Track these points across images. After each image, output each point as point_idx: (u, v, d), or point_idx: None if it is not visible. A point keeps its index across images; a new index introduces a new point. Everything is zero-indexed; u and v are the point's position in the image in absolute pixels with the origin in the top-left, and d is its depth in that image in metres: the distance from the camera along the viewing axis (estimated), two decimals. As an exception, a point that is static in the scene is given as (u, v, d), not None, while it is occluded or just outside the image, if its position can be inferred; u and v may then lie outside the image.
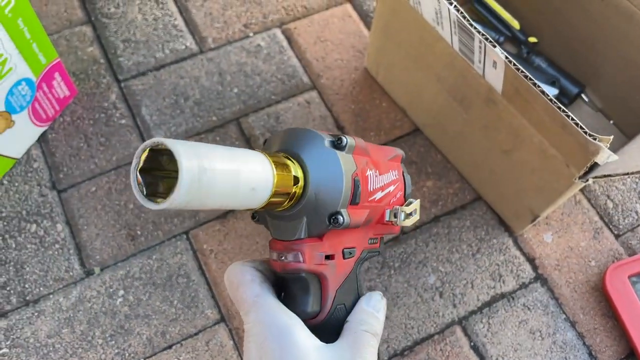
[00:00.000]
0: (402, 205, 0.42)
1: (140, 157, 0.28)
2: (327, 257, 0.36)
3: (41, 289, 0.67)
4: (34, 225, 0.70)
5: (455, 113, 0.68)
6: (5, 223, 0.70)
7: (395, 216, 0.40)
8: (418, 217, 0.41)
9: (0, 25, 0.59)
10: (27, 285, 0.67)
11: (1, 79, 0.62)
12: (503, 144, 0.64)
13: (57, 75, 0.72)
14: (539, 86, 0.50)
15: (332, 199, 0.34)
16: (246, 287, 0.35)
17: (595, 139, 0.47)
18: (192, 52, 0.83)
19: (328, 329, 0.37)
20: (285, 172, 0.33)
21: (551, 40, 0.82)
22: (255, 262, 0.38)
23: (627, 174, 0.52)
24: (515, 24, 0.83)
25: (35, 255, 0.68)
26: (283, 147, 0.36)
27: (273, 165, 0.32)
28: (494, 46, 0.51)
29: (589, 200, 0.76)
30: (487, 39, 0.51)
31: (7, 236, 0.69)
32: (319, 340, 0.34)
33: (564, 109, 0.49)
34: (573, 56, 0.80)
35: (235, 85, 0.81)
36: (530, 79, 0.50)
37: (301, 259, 0.35)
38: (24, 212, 0.70)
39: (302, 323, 0.34)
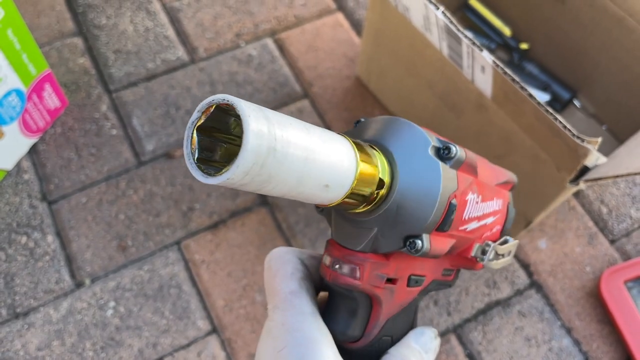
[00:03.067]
0: (495, 241, 0.34)
1: (202, 111, 0.22)
2: (389, 281, 0.30)
3: (31, 301, 0.66)
4: (24, 237, 0.69)
5: (447, 119, 0.68)
6: (-5, 235, 0.69)
7: (483, 253, 0.32)
8: (510, 261, 0.35)
9: (-12, 36, 0.59)
10: (17, 298, 0.66)
11: (-10, 90, 0.62)
12: (495, 149, 0.64)
13: (47, 86, 0.71)
14: (527, 90, 0.49)
15: (417, 219, 0.27)
16: (283, 278, 0.30)
17: (583, 141, 0.47)
18: (184, 62, 0.83)
19: (364, 358, 0.32)
20: (369, 170, 0.27)
21: (542, 46, 0.82)
22: (304, 253, 0.32)
23: (618, 176, 0.51)
24: (507, 30, 0.83)
25: (25, 267, 0.68)
26: (376, 137, 0.29)
27: (358, 159, 0.26)
28: (481, 50, 0.51)
29: (583, 205, 0.76)
30: (474, 43, 0.51)
31: (-4, 248, 0.68)
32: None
33: (552, 112, 0.48)
34: (564, 62, 0.80)
35: (227, 94, 0.80)
36: (518, 82, 0.50)
37: (358, 275, 0.29)
38: (14, 224, 0.70)
39: (332, 342, 0.29)
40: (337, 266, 0.29)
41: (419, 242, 0.28)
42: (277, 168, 0.22)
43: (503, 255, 0.33)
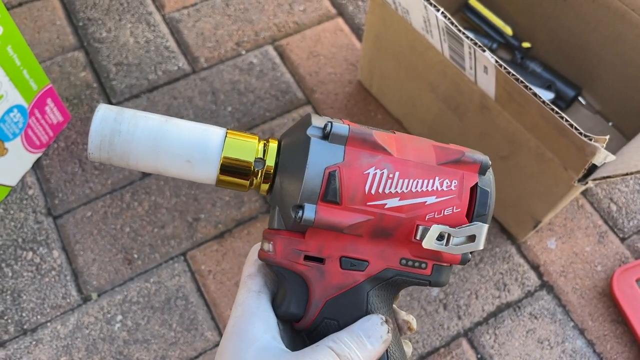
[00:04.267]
0: (457, 225, 0.32)
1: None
2: (310, 259, 0.32)
3: (38, 317, 0.66)
4: (30, 253, 0.69)
5: (450, 121, 0.68)
6: (1, 252, 0.69)
7: (439, 238, 0.32)
8: (480, 248, 0.32)
9: (-12, 53, 0.59)
10: (24, 314, 0.66)
11: (-8, 106, 0.62)
12: (500, 151, 0.63)
13: (49, 101, 0.71)
14: (531, 89, 0.49)
15: (294, 190, 0.31)
16: (247, 265, 0.34)
17: (590, 140, 0.46)
18: (185, 73, 0.83)
19: (314, 341, 0.33)
20: (242, 150, 0.32)
21: (545, 44, 0.81)
22: None
23: (627, 174, 0.51)
24: (508, 30, 0.83)
25: (32, 283, 0.67)
26: (284, 133, 0.34)
27: (222, 140, 0.31)
28: (484, 50, 0.50)
29: (591, 204, 0.75)
30: (476, 44, 0.51)
31: (3, 265, 0.68)
32: (275, 340, 0.31)
33: (558, 110, 0.48)
34: (568, 59, 0.79)
35: (229, 103, 0.80)
36: (522, 82, 0.49)
37: (271, 249, 0.32)
38: (19, 240, 0.70)
39: (268, 317, 0.32)
40: (262, 245, 0.33)
41: (300, 210, 0.30)
42: (126, 145, 0.30)
43: (462, 241, 0.32)
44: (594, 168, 0.55)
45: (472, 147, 0.71)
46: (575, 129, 0.47)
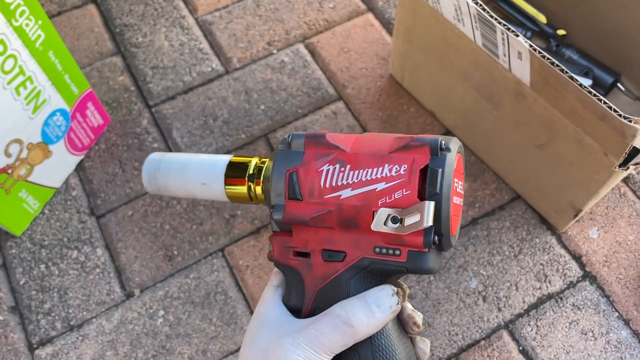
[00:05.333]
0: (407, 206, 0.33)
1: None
2: (299, 254, 0.36)
3: (84, 313, 0.68)
4: (75, 252, 0.71)
5: (485, 111, 0.67)
6: (48, 251, 0.71)
7: (394, 221, 0.32)
8: (428, 225, 0.31)
9: (32, 58, 0.61)
10: (70, 311, 0.68)
11: (36, 110, 0.65)
12: (537, 139, 0.62)
13: (90, 104, 0.74)
14: (567, 72, 0.48)
15: (267, 194, 0.36)
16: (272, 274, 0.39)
17: (631, 121, 0.45)
18: (219, 73, 0.84)
19: None
20: (239, 170, 0.39)
21: (581, 31, 0.80)
22: None
23: (671, 157, 0.49)
24: (542, 17, 0.81)
25: (77, 280, 0.70)
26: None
27: (226, 164, 0.39)
28: (517, 35, 0.50)
29: (634, 192, 0.73)
30: (509, 29, 0.50)
31: (50, 264, 0.71)
32: (286, 315, 0.35)
33: (596, 93, 0.47)
34: (605, 45, 0.78)
35: (262, 102, 0.81)
36: (558, 65, 0.48)
37: (272, 249, 0.37)
38: (65, 239, 0.72)
39: (272, 317, 0.35)
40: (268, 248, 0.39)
41: (272, 210, 0.35)
42: (164, 179, 0.40)
43: (404, 219, 0.32)
44: (635, 152, 0.54)
45: (509, 137, 0.70)
46: (615, 111, 0.46)
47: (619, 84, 0.78)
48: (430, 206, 0.31)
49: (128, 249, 0.71)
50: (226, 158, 0.40)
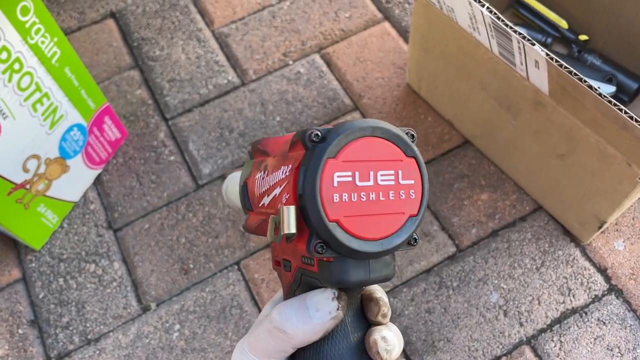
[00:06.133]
0: None
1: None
2: (278, 263, 0.34)
3: (101, 327, 0.68)
4: (93, 265, 0.72)
5: (503, 120, 0.65)
6: (66, 265, 0.72)
7: (271, 230, 0.29)
8: (290, 232, 0.27)
9: (48, 75, 0.62)
10: (88, 324, 0.68)
11: (53, 126, 0.65)
12: (557, 149, 0.60)
13: (107, 119, 0.74)
14: (586, 81, 0.46)
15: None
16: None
17: (654, 132, 0.43)
18: (235, 85, 0.84)
19: None
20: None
21: (603, 36, 0.77)
22: None
23: (698, 167, 0.47)
24: (563, 23, 0.79)
25: (94, 294, 0.70)
26: None
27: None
28: (533, 44, 0.48)
29: (662, 201, 0.70)
30: (524, 37, 0.49)
31: (68, 277, 0.71)
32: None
33: (616, 102, 0.45)
34: (629, 50, 0.75)
35: (278, 113, 0.81)
36: (576, 74, 0.47)
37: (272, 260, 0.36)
38: (83, 253, 0.73)
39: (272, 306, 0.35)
40: None
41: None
42: (229, 195, 0.46)
43: (278, 224, 0.28)
44: (660, 162, 0.52)
45: (529, 147, 0.69)
46: (636, 120, 0.44)
47: (644, 90, 0.75)
48: (287, 211, 0.27)
49: (145, 263, 0.71)
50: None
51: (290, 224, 0.27)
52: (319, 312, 0.28)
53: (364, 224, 0.27)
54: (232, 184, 0.45)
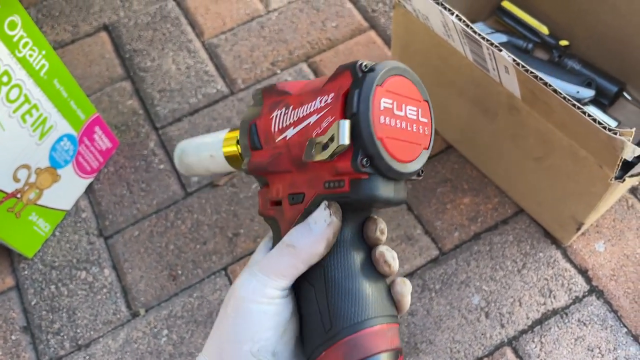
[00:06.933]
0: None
1: None
2: (275, 203, 0.38)
3: (91, 332, 0.69)
4: (84, 272, 0.73)
5: (482, 125, 0.67)
6: (58, 272, 0.73)
7: (324, 148, 0.32)
8: (344, 143, 0.30)
9: (37, 87, 0.63)
10: (78, 330, 0.70)
11: (43, 137, 0.67)
12: (533, 152, 0.62)
13: (97, 129, 0.76)
14: (551, 86, 0.48)
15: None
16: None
17: (616, 134, 0.45)
18: (224, 95, 0.86)
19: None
20: (232, 138, 0.44)
21: (584, 41, 0.79)
22: None
23: (664, 168, 0.48)
24: (544, 29, 0.81)
25: (85, 300, 0.71)
26: None
27: (224, 137, 0.45)
28: (500, 50, 0.50)
29: (643, 203, 0.71)
30: (492, 44, 0.50)
31: (59, 284, 0.73)
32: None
33: (580, 106, 0.46)
34: (609, 55, 0.76)
35: (266, 121, 0.82)
36: (542, 79, 0.48)
37: (258, 204, 0.42)
38: (74, 261, 0.74)
39: (261, 250, 0.39)
40: None
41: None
42: (187, 158, 0.50)
43: (328, 143, 0.32)
44: (629, 165, 0.53)
45: (507, 150, 0.70)
46: (599, 123, 0.45)
47: (625, 94, 0.76)
48: (343, 124, 0.30)
49: (134, 269, 0.73)
50: (225, 131, 0.46)
51: (345, 137, 0.30)
52: (317, 223, 0.34)
53: (397, 147, 0.31)
54: (192, 149, 0.49)
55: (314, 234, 0.34)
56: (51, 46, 0.64)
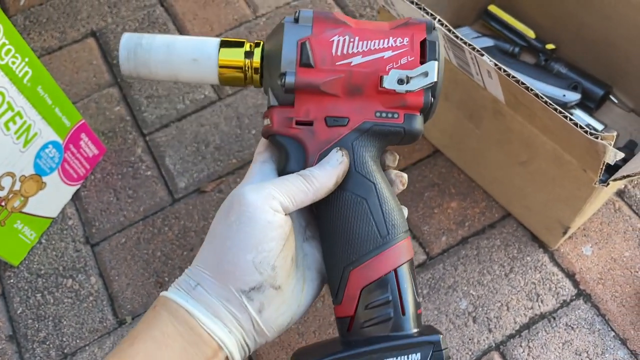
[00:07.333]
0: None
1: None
2: (301, 123, 0.41)
3: (78, 341, 0.69)
4: (70, 280, 0.73)
5: (468, 130, 0.66)
6: (44, 280, 0.73)
7: (399, 82, 0.39)
8: (435, 80, 0.39)
9: (20, 94, 0.63)
10: (64, 339, 0.69)
11: (27, 144, 0.67)
12: (519, 156, 0.62)
13: (83, 135, 0.76)
14: (532, 90, 0.48)
15: (276, 63, 0.40)
16: (258, 146, 0.44)
17: (597, 138, 0.45)
18: (211, 100, 0.86)
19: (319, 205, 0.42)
20: (234, 47, 0.42)
21: (570, 44, 0.79)
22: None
23: (647, 172, 0.48)
24: (531, 33, 0.81)
25: (71, 308, 0.71)
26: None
27: (219, 42, 0.42)
28: (482, 55, 0.50)
29: (630, 206, 0.71)
30: (474, 48, 0.50)
31: (45, 292, 0.72)
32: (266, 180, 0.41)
33: (561, 110, 0.46)
34: (595, 58, 0.76)
35: (253, 126, 0.82)
36: (523, 83, 0.48)
37: (270, 122, 0.41)
38: (60, 268, 0.74)
39: (268, 172, 0.42)
40: (263, 122, 0.43)
41: (283, 77, 0.39)
42: (147, 54, 0.41)
43: (419, 77, 0.39)
44: (615, 168, 0.53)
45: (493, 155, 0.71)
46: (580, 127, 0.45)
47: (611, 97, 0.76)
48: (435, 64, 0.39)
49: (121, 277, 0.72)
50: (214, 38, 0.43)
51: (435, 74, 0.39)
52: (329, 162, 0.40)
53: None
54: (159, 46, 0.42)
55: (329, 169, 0.39)
56: (38, 53, 0.64)
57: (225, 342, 0.38)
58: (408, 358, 0.37)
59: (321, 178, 0.39)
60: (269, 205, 0.37)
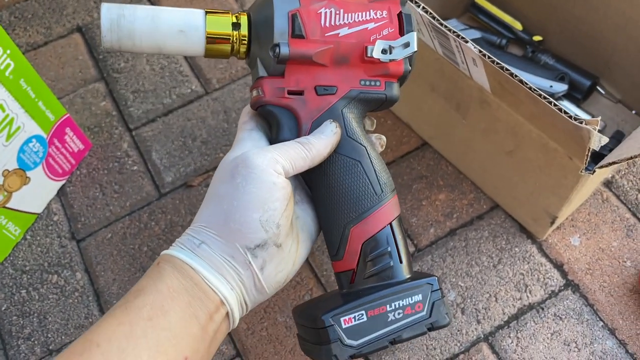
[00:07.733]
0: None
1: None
2: (292, 93, 0.42)
3: (63, 337, 0.68)
4: (55, 276, 0.72)
5: (454, 120, 0.66)
6: (29, 276, 0.72)
7: (383, 52, 0.42)
8: (415, 50, 0.42)
9: (2, 87, 0.62)
10: (49, 335, 0.68)
11: (10, 138, 0.66)
12: (505, 145, 0.61)
13: (68, 130, 0.75)
14: (517, 76, 0.47)
15: (268, 35, 0.41)
16: (242, 116, 0.46)
17: (581, 123, 0.44)
18: (198, 95, 0.85)
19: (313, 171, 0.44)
20: (221, 17, 0.42)
21: (557, 36, 0.79)
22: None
23: (632, 157, 0.48)
24: (517, 25, 0.81)
25: (56, 304, 0.70)
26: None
27: (205, 12, 0.42)
28: (467, 42, 0.49)
29: (617, 196, 0.71)
30: (459, 36, 0.50)
31: (30, 289, 0.71)
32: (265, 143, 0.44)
33: (546, 96, 0.46)
34: (582, 49, 0.76)
35: (240, 120, 0.82)
36: (507, 69, 0.48)
37: (261, 93, 0.42)
38: (45, 264, 0.73)
39: (258, 139, 0.43)
40: (251, 94, 0.44)
41: (277, 48, 0.40)
42: (130, 25, 0.40)
43: (402, 47, 0.42)
44: (600, 155, 0.53)
45: (480, 145, 0.70)
46: (565, 113, 0.45)
47: (598, 88, 0.76)
48: (415, 35, 0.42)
49: (107, 272, 0.72)
50: (199, 9, 0.43)
51: (415, 44, 0.42)
52: (324, 132, 0.43)
53: None
54: (143, 17, 0.40)
55: (324, 139, 0.42)
56: (23, 48, 0.64)
57: (228, 298, 0.40)
58: (412, 299, 0.42)
59: (318, 145, 0.42)
60: (273, 168, 0.40)
